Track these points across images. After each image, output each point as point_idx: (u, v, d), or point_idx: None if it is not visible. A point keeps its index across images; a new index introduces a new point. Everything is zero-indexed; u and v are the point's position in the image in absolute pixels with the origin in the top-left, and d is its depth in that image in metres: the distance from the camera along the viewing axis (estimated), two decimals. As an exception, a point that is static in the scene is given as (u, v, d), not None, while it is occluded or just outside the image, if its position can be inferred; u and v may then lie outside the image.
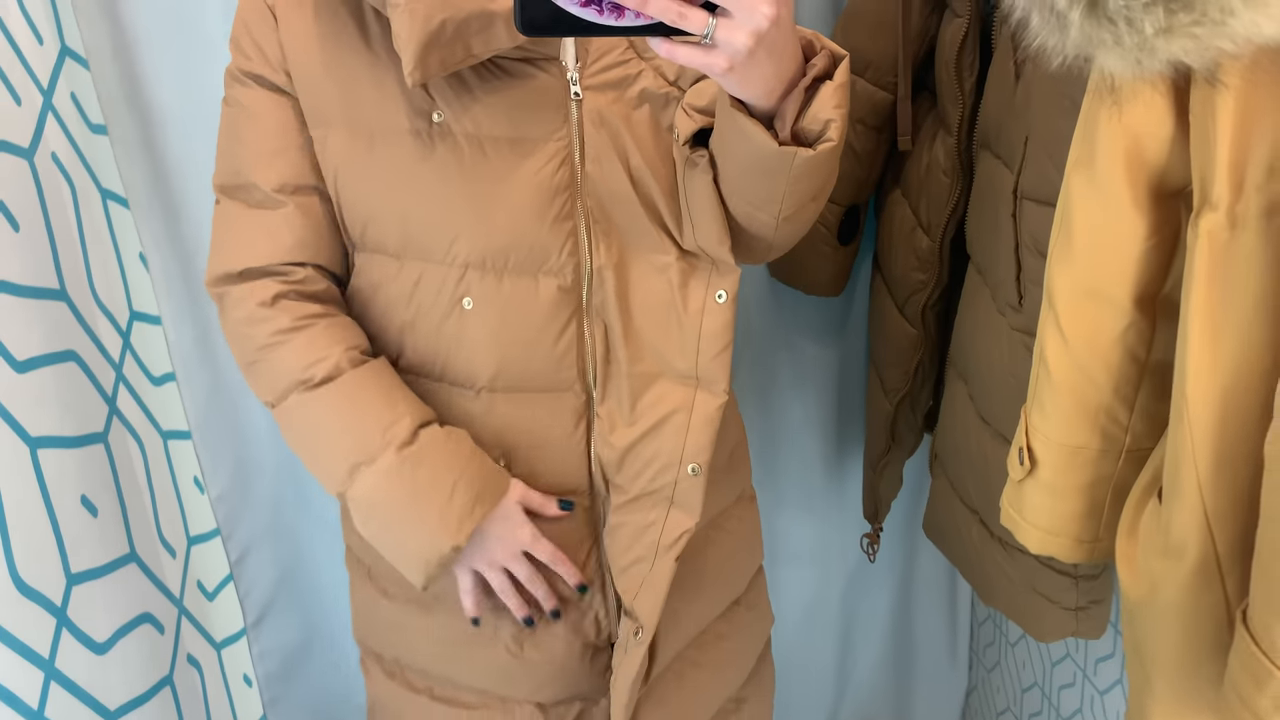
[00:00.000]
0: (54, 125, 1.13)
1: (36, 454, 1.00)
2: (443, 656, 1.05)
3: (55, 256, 1.09)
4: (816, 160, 0.75)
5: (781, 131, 0.76)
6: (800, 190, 0.80)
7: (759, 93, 0.73)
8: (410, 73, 0.82)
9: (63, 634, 1.01)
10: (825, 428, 1.54)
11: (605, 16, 0.63)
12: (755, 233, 0.87)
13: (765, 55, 0.68)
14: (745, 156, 0.78)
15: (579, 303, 0.92)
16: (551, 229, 0.89)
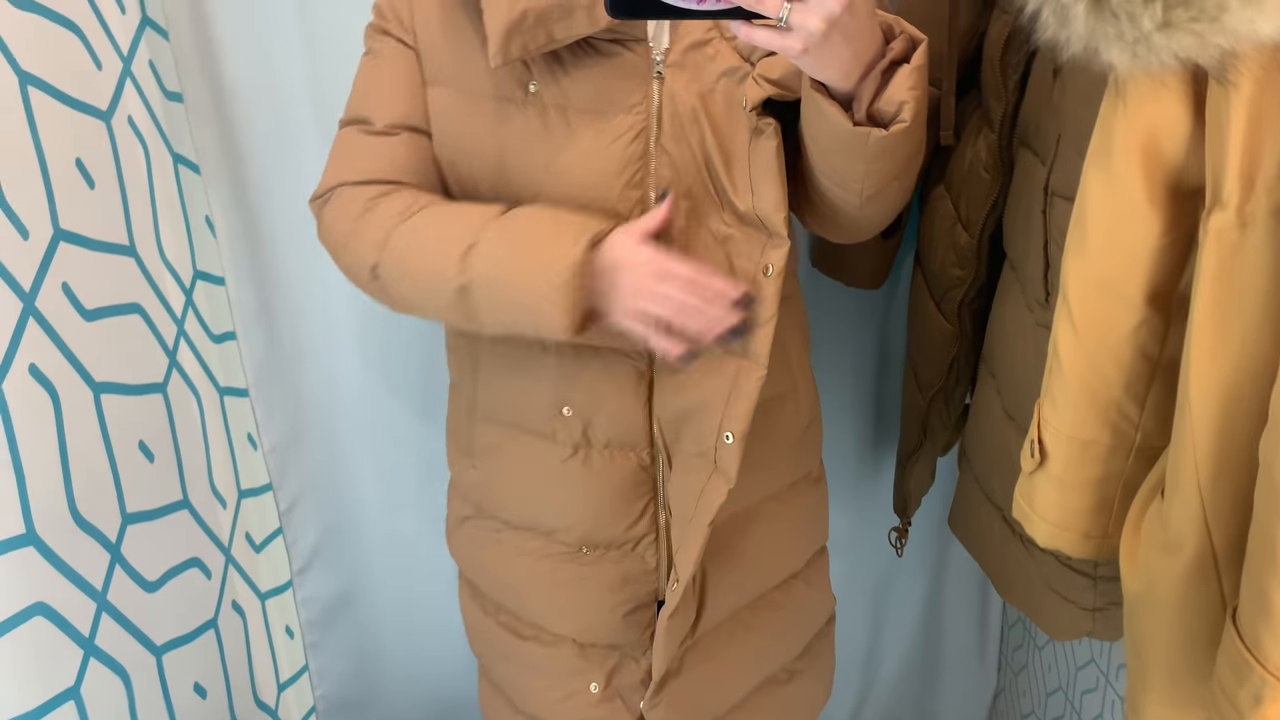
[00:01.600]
0: (132, 91, 1.20)
1: (99, 398, 1.06)
2: (504, 584, 1.12)
3: (126, 214, 1.16)
4: (891, 140, 0.78)
5: (857, 112, 0.79)
6: (880, 170, 0.83)
7: (835, 75, 0.76)
8: (494, 55, 0.90)
9: (115, 569, 1.07)
10: (861, 420, 1.55)
11: (688, 1, 0.67)
12: (842, 210, 0.91)
13: (840, 39, 0.71)
14: (825, 136, 0.82)
15: None
16: (621, 195, 0.94)
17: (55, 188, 1.01)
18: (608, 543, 1.05)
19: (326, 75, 1.25)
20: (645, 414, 1.02)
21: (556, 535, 1.06)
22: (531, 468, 1.05)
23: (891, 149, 0.80)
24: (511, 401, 1.04)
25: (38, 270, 0.97)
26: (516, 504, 1.08)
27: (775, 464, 1.09)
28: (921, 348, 1.29)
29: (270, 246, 1.34)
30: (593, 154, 0.93)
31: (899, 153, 0.81)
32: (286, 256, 1.34)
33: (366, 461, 1.45)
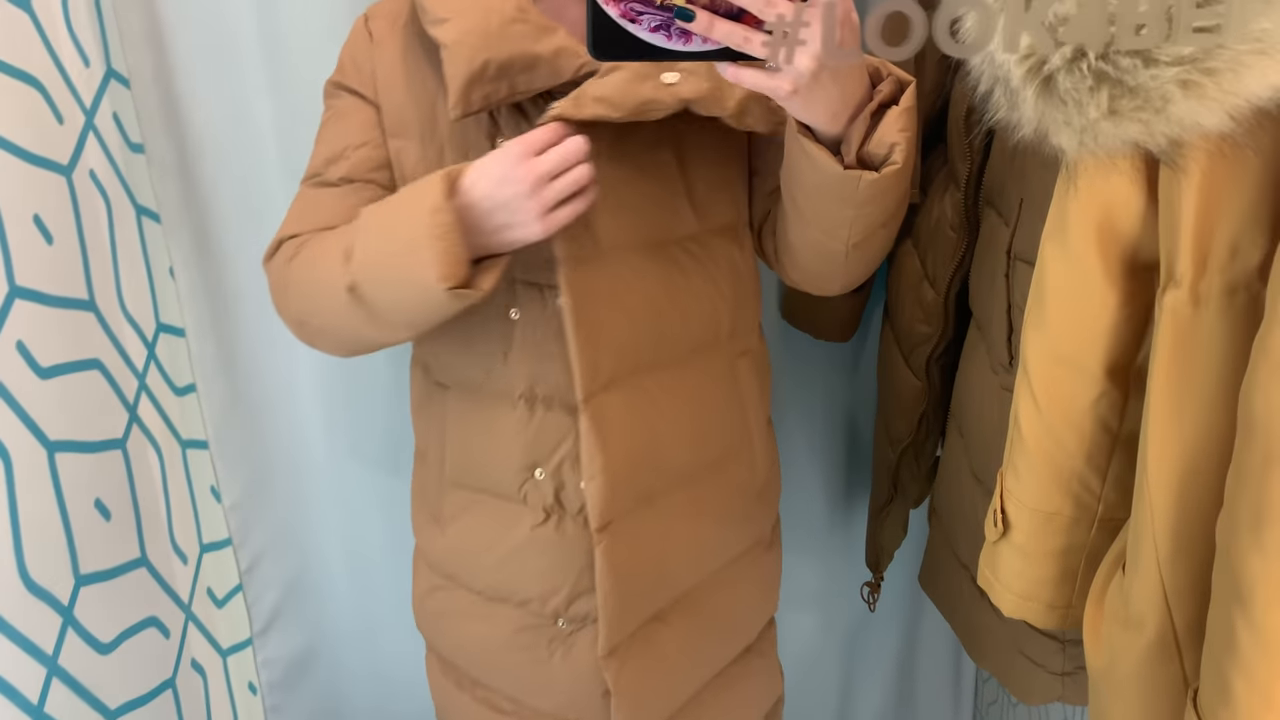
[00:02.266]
0: (94, 144, 1.18)
1: (54, 457, 1.04)
2: (479, 658, 1.10)
3: (86, 268, 1.14)
4: (882, 183, 0.77)
5: (847, 155, 0.78)
6: (868, 215, 0.82)
7: (824, 117, 0.75)
8: (453, 106, 0.88)
9: (68, 632, 1.05)
10: (832, 471, 1.54)
11: (674, 42, 0.66)
12: (827, 260, 0.90)
13: (829, 79, 0.70)
14: (812, 181, 0.81)
15: None
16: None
17: (11, 245, 0.99)
18: (585, 615, 1.02)
19: (291, 128, 1.25)
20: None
21: (531, 606, 1.03)
22: (503, 534, 1.02)
23: (881, 193, 0.79)
24: (481, 465, 1.02)
25: (-10, 330, 0.95)
26: (488, 573, 1.05)
27: (731, 526, 1.07)
28: (891, 401, 1.29)
29: (232, 299, 1.32)
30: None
31: (888, 197, 0.81)
32: (248, 309, 1.33)
33: (330, 518, 1.43)
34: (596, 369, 0.92)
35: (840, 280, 0.95)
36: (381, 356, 1.35)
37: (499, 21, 0.87)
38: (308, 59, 1.21)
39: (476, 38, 0.86)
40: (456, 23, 0.87)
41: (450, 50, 0.87)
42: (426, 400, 1.07)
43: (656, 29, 0.65)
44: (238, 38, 1.22)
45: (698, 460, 1.02)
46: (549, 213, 0.83)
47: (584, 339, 0.91)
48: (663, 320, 0.97)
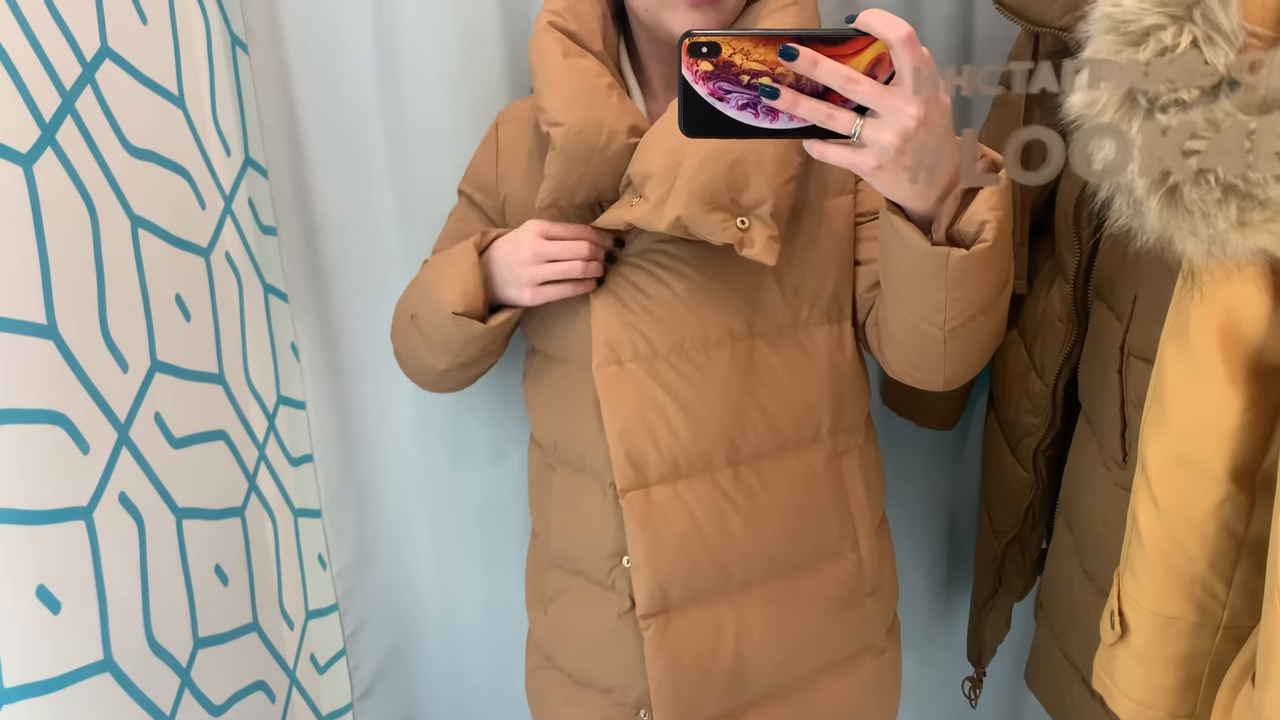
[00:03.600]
0: (230, 227, 1.26)
1: (181, 524, 1.10)
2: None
3: (218, 344, 1.21)
4: (972, 262, 0.76)
5: (935, 233, 0.77)
6: (963, 298, 0.81)
7: (911, 194, 0.74)
8: (541, 199, 0.96)
9: (184, 694, 1.09)
10: (933, 563, 1.51)
11: (761, 119, 0.68)
12: (925, 349, 0.89)
13: (915, 155, 0.69)
14: (902, 259, 0.80)
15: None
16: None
17: (155, 322, 1.07)
18: None
19: (409, 215, 1.31)
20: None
21: (613, 694, 1.04)
22: (592, 618, 1.04)
23: (973, 273, 0.78)
24: (577, 548, 1.04)
25: (134, 401, 1.02)
26: (577, 656, 1.07)
27: (827, 627, 1.04)
28: (996, 493, 1.27)
29: (351, 373, 1.38)
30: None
31: (981, 279, 0.79)
32: (365, 383, 1.38)
33: (432, 591, 1.45)
34: (636, 463, 0.96)
35: (942, 371, 0.93)
36: (488, 436, 1.39)
37: (607, 141, 0.93)
38: (426, 151, 1.28)
39: (584, 150, 0.93)
40: (569, 129, 0.93)
41: (556, 154, 0.94)
42: (539, 480, 1.11)
43: (744, 107, 0.68)
44: (365, 131, 1.29)
45: (788, 558, 1.01)
46: (538, 287, 0.99)
47: (617, 434, 0.96)
48: (742, 417, 0.98)
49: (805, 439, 1.01)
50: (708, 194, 0.89)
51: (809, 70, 0.66)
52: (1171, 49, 0.57)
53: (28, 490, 0.85)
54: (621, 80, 1.01)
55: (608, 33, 1.01)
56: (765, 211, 0.91)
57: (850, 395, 1.04)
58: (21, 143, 0.86)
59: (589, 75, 0.95)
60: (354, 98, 1.29)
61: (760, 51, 0.66)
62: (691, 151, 0.90)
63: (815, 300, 1.00)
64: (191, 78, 1.18)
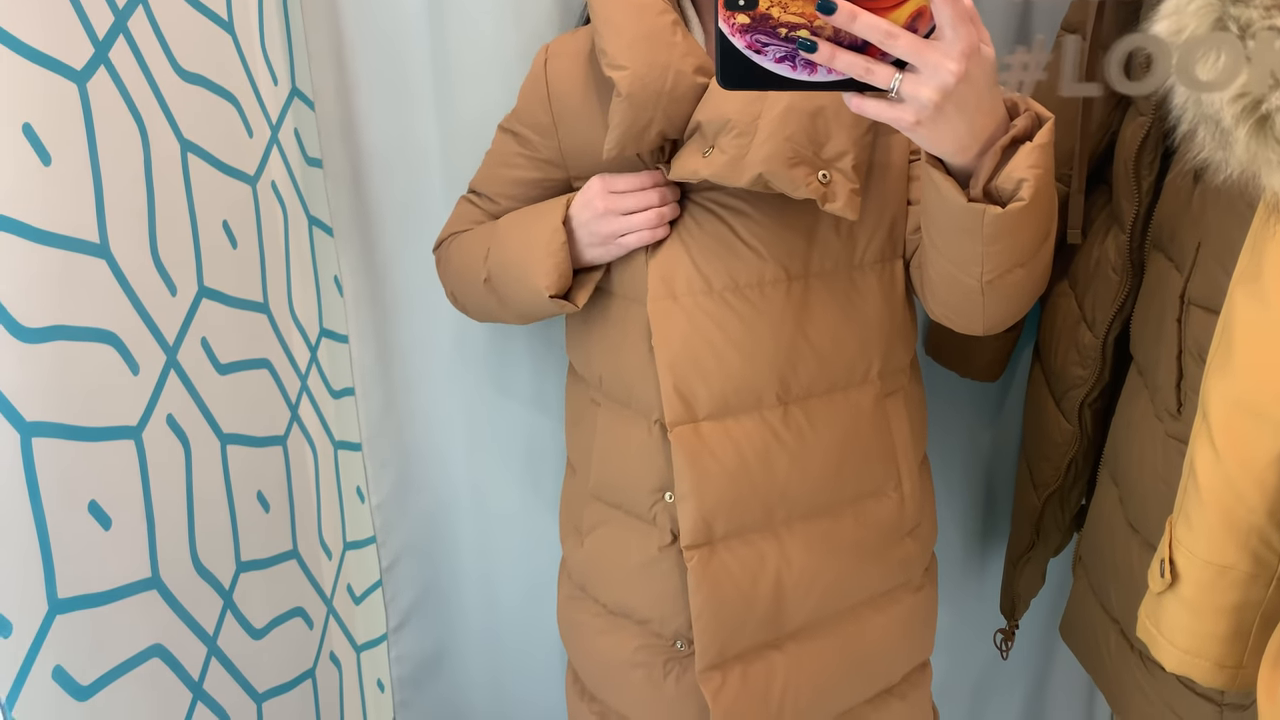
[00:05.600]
0: (276, 157, 1.26)
1: (225, 449, 1.11)
2: (598, 673, 1.13)
3: (263, 274, 1.21)
4: (1008, 220, 0.75)
5: (973, 189, 0.76)
6: (999, 253, 0.80)
7: (951, 149, 0.73)
8: (608, 149, 0.94)
9: (227, 616, 1.11)
10: (969, 515, 1.50)
11: (799, 72, 0.67)
12: (963, 297, 0.88)
13: (955, 111, 0.68)
14: (939, 212, 0.80)
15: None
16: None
17: (203, 248, 1.07)
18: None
19: (454, 147, 1.30)
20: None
21: (651, 625, 1.05)
22: (631, 551, 1.05)
23: (1009, 230, 0.77)
24: (619, 482, 1.05)
25: (181, 325, 1.02)
26: (615, 588, 1.08)
27: (867, 564, 1.05)
28: (1038, 446, 1.26)
29: (394, 308, 1.38)
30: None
31: (1018, 236, 0.78)
32: (409, 318, 1.38)
33: (469, 526, 1.47)
34: (686, 398, 0.96)
35: (981, 320, 0.92)
36: (528, 373, 1.39)
37: (674, 84, 0.91)
38: (473, 85, 1.26)
39: (650, 95, 0.91)
40: (635, 72, 0.91)
41: (622, 100, 0.91)
42: (580, 415, 1.11)
43: (781, 60, 0.67)
44: (413, 63, 1.28)
45: (832, 496, 1.02)
46: (615, 240, 0.99)
47: (667, 368, 0.96)
48: (794, 356, 0.97)
49: (855, 379, 1.00)
50: (790, 148, 0.88)
51: (847, 24, 0.64)
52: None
53: (81, 407, 0.86)
54: (680, 12, 0.98)
55: None
56: (847, 164, 0.90)
57: (900, 336, 1.03)
58: (76, 59, 0.86)
59: (650, 13, 0.92)
60: (402, 29, 1.27)
61: (798, 4, 0.65)
62: (771, 103, 0.88)
63: (871, 239, 0.99)
64: (241, 3, 1.17)
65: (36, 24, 0.81)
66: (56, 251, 0.83)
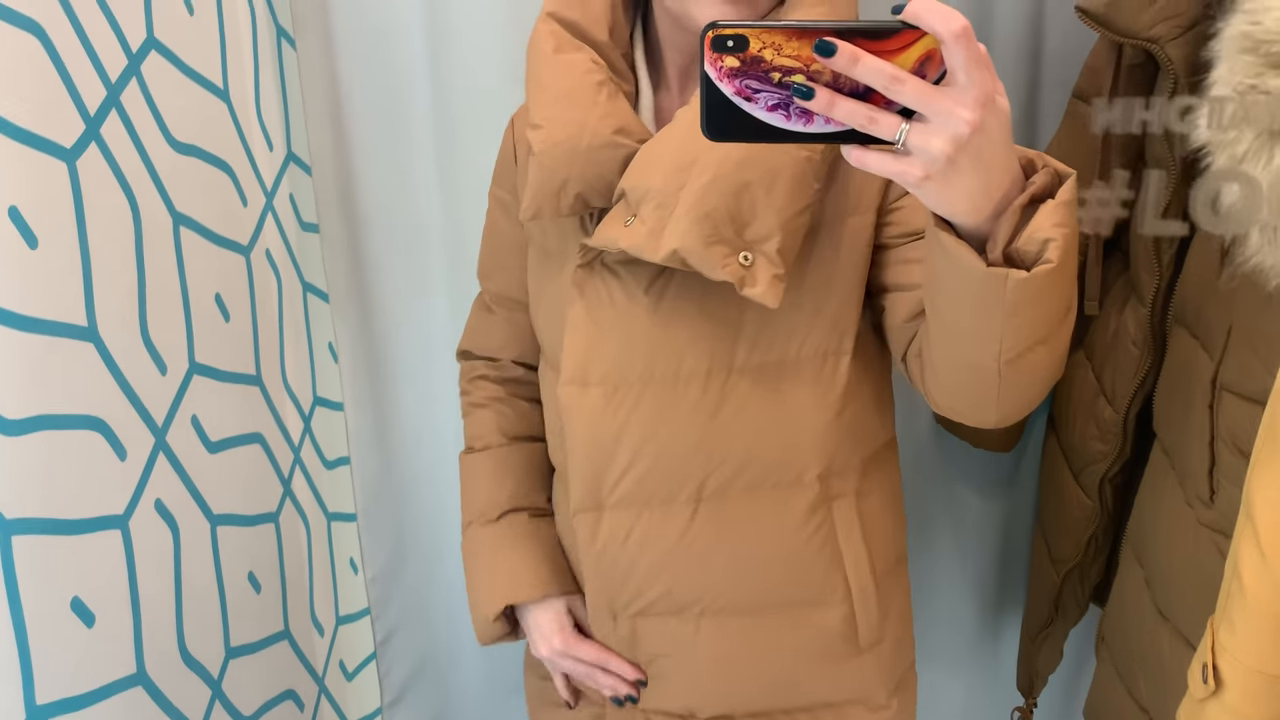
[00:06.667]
0: (271, 224, 1.23)
1: (216, 531, 1.06)
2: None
3: (256, 344, 1.18)
4: (1032, 284, 0.65)
5: (991, 252, 0.66)
6: (1021, 326, 0.70)
7: (963, 208, 0.64)
8: (522, 212, 0.91)
9: (215, 704, 1.06)
10: (984, 588, 1.46)
11: (793, 122, 0.60)
12: (976, 383, 0.77)
13: (969, 165, 0.60)
14: (952, 283, 0.70)
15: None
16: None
17: (195, 322, 1.03)
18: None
19: (457, 211, 1.28)
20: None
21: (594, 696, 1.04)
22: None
23: (1034, 297, 0.66)
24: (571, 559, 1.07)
25: (171, 405, 0.99)
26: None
27: (811, 668, 0.96)
28: (1057, 520, 1.22)
29: (390, 375, 1.35)
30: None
31: (1042, 305, 0.69)
32: (406, 385, 1.35)
33: (463, 596, 1.41)
34: (593, 486, 0.93)
35: (995, 409, 0.80)
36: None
37: (590, 143, 0.85)
38: (474, 150, 1.24)
39: (564, 153, 0.86)
40: (549, 131, 0.86)
41: (535, 159, 0.87)
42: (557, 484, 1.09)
43: (774, 108, 0.60)
44: (413, 128, 1.26)
45: (753, 598, 0.94)
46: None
47: (576, 454, 0.92)
48: (710, 456, 0.90)
49: (785, 481, 0.92)
50: (710, 225, 0.81)
51: (848, 68, 0.57)
52: (1320, 72, 0.52)
53: (66, 499, 0.82)
54: (632, 71, 0.94)
55: (617, 20, 0.93)
56: (773, 248, 0.82)
57: (849, 436, 0.93)
58: (66, 137, 0.83)
59: (576, 72, 0.87)
60: (401, 91, 1.25)
61: (793, 46, 0.58)
62: (697, 173, 0.82)
63: (809, 333, 0.90)
64: (237, 70, 1.14)
65: (27, 102, 0.78)
66: (41, 338, 0.79)
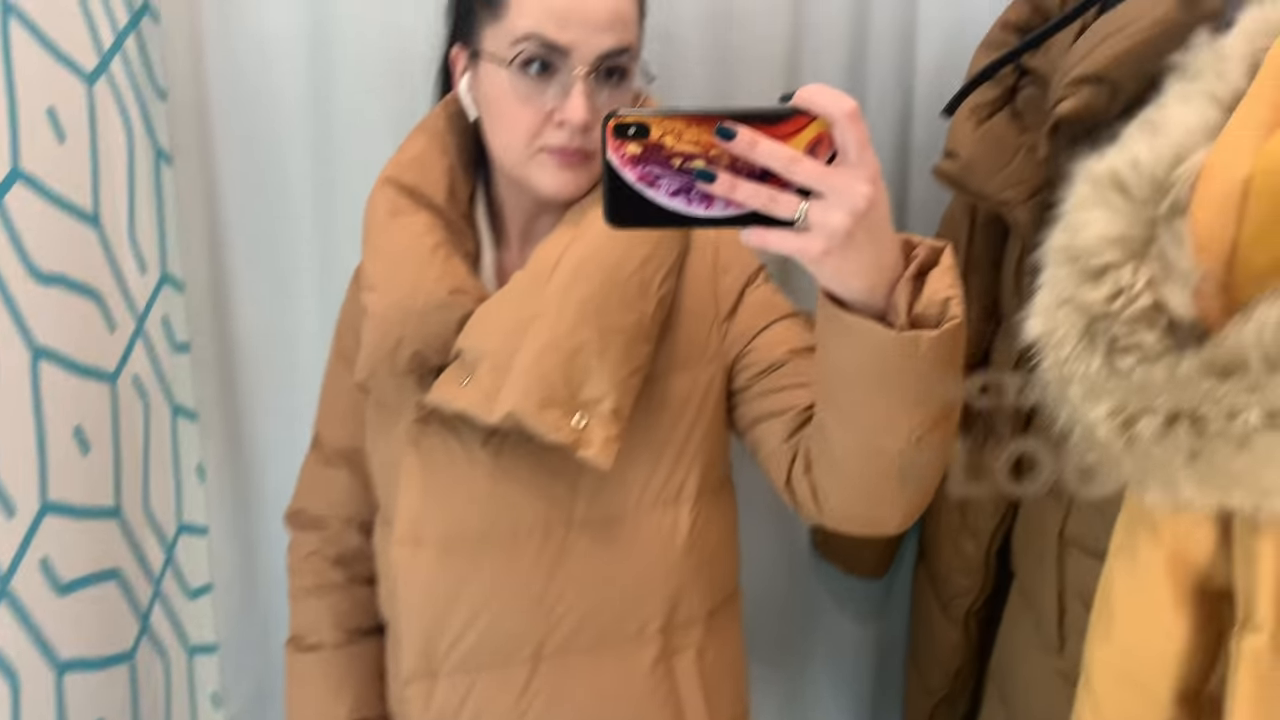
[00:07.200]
0: (141, 348, 1.20)
1: (62, 679, 1.01)
2: None
3: (117, 475, 1.13)
4: (944, 342, 0.67)
5: (896, 320, 0.67)
6: (932, 394, 0.70)
7: (859, 284, 0.65)
8: (358, 372, 0.90)
9: None
10: (859, 711, 1.48)
11: (694, 206, 0.61)
12: (881, 475, 0.76)
13: (864, 238, 0.61)
14: (860, 362, 0.69)
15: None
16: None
17: (50, 459, 0.99)
18: None
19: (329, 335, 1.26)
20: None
21: None
22: None
23: (946, 356, 0.68)
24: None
25: (18, 549, 0.94)
26: None
27: None
28: (927, 650, 1.25)
29: (258, 499, 1.31)
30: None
31: (952, 366, 0.70)
32: (273, 510, 1.30)
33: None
34: (426, 652, 0.90)
35: (900, 504, 0.80)
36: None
37: (424, 304, 0.86)
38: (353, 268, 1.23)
39: (398, 314, 0.87)
40: (383, 293, 0.87)
41: (369, 320, 0.88)
42: None
43: (676, 193, 0.61)
44: (292, 249, 1.25)
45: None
46: None
47: (408, 618, 0.90)
48: (549, 615, 0.89)
49: (627, 636, 0.91)
50: (544, 387, 0.82)
51: (748, 151, 0.59)
52: (1129, 289, 0.57)
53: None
54: (472, 230, 0.96)
55: (456, 181, 0.95)
56: (606, 408, 0.83)
57: (691, 587, 0.92)
58: (-88, 281, 0.79)
59: (412, 235, 0.89)
60: (282, 213, 1.24)
61: (693, 132, 0.60)
62: (532, 334, 0.83)
63: (646, 485, 0.90)
64: (109, 194, 1.12)
65: None
66: None
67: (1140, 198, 0.59)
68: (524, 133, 0.86)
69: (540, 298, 0.85)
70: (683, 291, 0.92)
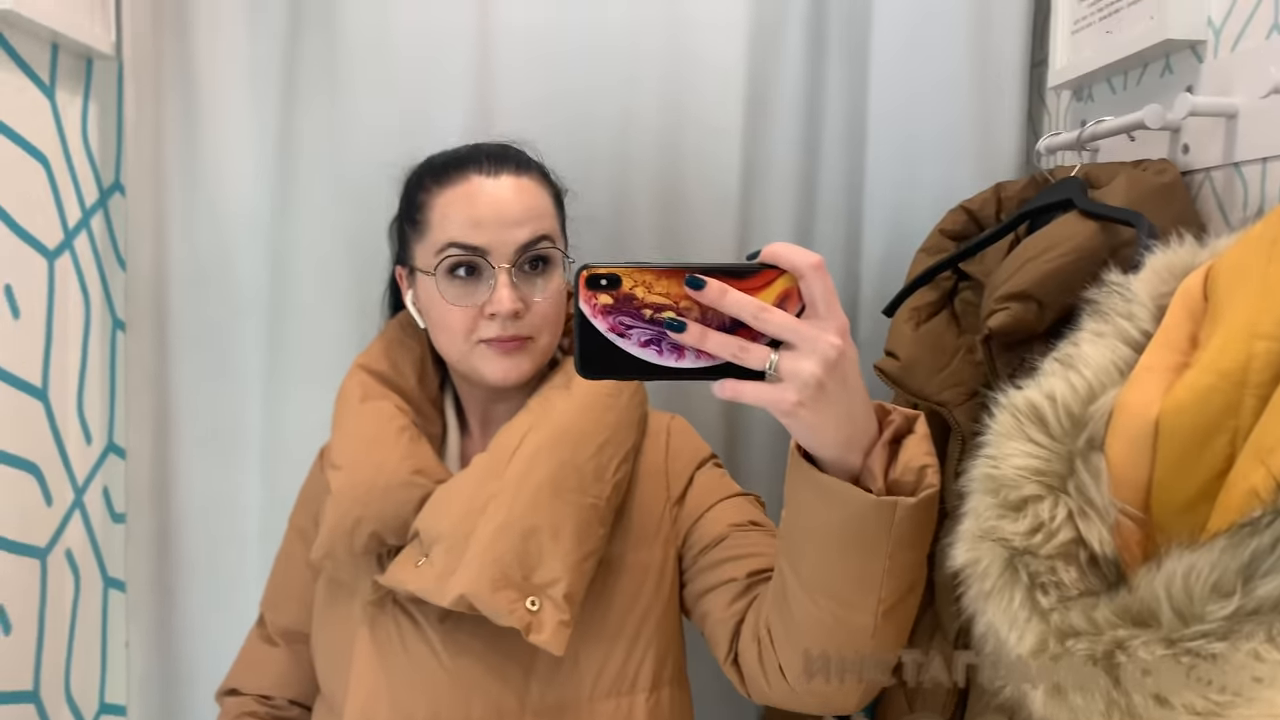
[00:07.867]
0: (77, 521, 1.17)
1: None
2: None
3: (38, 657, 1.09)
4: (919, 511, 0.65)
5: (873, 484, 0.66)
6: (903, 564, 0.69)
7: (831, 438, 0.64)
8: (315, 551, 0.90)
9: None
10: None
11: (665, 357, 0.62)
12: (845, 645, 0.74)
13: (836, 388, 0.61)
14: (826, 526, 0.68)
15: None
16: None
17: (-35, 643, 0.96)
18: None
19: (275, 510, 1.24)
20: None
21: None
22: None
23: (917, 529, 0.67)
24: None
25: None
26: None
27: None
28: None
29: (185, 678, 1.26)
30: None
31: (924, 536, 0.69)
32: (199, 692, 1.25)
33: None
34: None
35: (860, 688, 0.78)
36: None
37: (386, 483, 0.87)
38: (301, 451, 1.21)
39: (361, 492, 0.87)
40: (348, 473, 0.89)
41: (331, 499, 0.89)
42: None
43: (647, 344, 0.61)
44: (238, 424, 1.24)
45: None
46: None
47: None
48: None
49: None
50: (497, 570, 0.82)
51: (717, 301, 0.60)
52: (1049, 523, 0.58)
53: None
54: (440, 417, 0.99)
55: (426, 370, 0.99)
56: (559, 592, 0.83)
57: None
58: None
59: (380, 419, 0.91)
60: (231, 389, 1.24)
61: (663, 284, 0.61)
62: (488, 517, 0.83)
63: (601, 672, 0.89)
64: (60, 366, 1.12)
65: None
66: None
67: (1058, 432, 0.61)
68: (461, 330, 0.90)
69: (498, 480, 0.86)
70: (637, 475, 0.93)
